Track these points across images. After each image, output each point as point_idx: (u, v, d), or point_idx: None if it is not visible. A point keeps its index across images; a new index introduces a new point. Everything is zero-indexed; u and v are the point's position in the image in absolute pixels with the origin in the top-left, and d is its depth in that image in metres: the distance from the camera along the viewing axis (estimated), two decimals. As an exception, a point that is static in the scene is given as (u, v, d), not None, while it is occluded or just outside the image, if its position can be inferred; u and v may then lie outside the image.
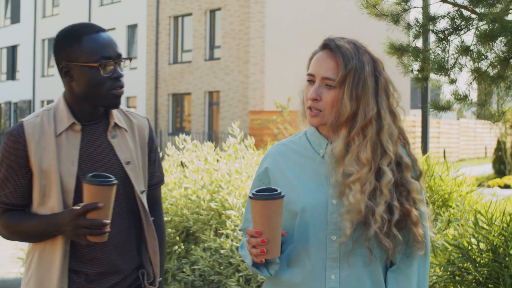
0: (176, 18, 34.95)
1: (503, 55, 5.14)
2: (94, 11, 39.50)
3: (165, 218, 6.27)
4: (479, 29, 5.18)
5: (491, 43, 5.08)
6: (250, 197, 2.34)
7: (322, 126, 2.57)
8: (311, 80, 2.55)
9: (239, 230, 5.73)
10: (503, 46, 5.12)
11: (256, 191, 2.33)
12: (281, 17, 31.48)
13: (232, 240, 5.69)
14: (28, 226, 2.70)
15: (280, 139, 24.92)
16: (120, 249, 2.82)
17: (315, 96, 2.49)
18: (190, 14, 33.95)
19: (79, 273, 2.77)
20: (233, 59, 31.31)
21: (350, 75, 2.46)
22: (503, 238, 4.54)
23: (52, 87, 40.48)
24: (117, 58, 2.76)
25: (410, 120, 30.38)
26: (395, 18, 5.98)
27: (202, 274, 5.96)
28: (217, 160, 6.78)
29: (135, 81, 36.46)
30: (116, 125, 2.86)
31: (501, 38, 4.93)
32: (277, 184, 2.55)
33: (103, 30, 2.79)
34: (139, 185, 2.86)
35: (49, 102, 41.55)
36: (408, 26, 5.98)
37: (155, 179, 3.04)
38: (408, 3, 6.02)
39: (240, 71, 30.92)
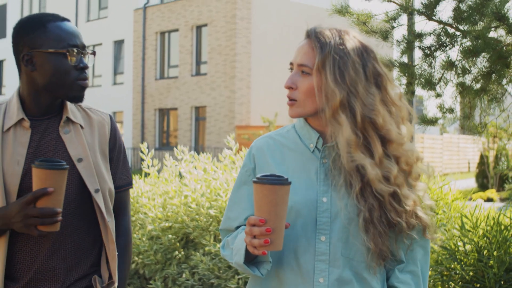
0: (162, 34, 35.30)
1: (485, 70, 5.48)
2: (81, 27, 39.72)
3: (165, 224, 6.56)
4: (463, 46, 5.50)
5: (474, 59, 5.40)
6: (255, 182, 2.15)
7: (312, 118, 2.42)
8: (291, 68, 2.44)
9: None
10: (485, 61, 5.44)
11: (262, 176, 2.15)
12: (266, 33, 31.93)
13: (231, 245, 6.01)
14: None
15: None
16: (66, 255, 2.62)
17: (289, 84, 2.38)
18: (176, 30, 34.34)
19: (16, 280, 2.58)
20: (219, 75, 31.66)
21: (328, 58, 2.31)
22: (487, 240, 4.86)
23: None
24: (83, 48, 2.61)
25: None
26: (384, 35, 6.31)
27: (202, 278, 6.24)
28: (214, 171, 7.07)
29: (121, 96, 36.70)
30: (69, 120, 2.67)
31: (483, 54, 5.25)
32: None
33: (68, 20, 2.66)
34: (92, 184, 2.64)
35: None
36: (397, 43, 6.32)
37: (118, 181, 2.83)
38: (397, 21, 6.37)
39: (226, 86, 31.26)
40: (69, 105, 2.68)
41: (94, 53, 2.68)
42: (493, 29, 5.77)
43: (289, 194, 2.16)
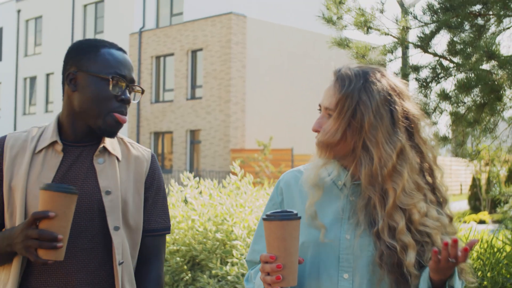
0: (158, 58, 35.55)
1: (478, 102, 5.81)
2: (77, 51, 39.91)
3: (173, 248, 6.86)
4: (457, 80, 5.83)
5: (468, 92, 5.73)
6: (264, 219, 2.15)
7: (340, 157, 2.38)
8: (319, 109, 2.42)
9: (244, 259, 6.29)
10: (479, 93, 5.78)
11: (270, 213, 2.16)
12: (261, 57, 32.20)
13: (238, 268, 6.29)
14: None
15: (262, 177, 25.29)
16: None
17: (316, 128, 2.36)
18: (172, 54, 34.59)
19: None
20: (214, 98, 31.87)
21: (346, 102, 2.28)
22: (481, 262, 5.17)
23: (33, 125, 40.75)
24: (131, 81, 2.53)
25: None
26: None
27: (209, 299, 6.54)
28: (219, 196, 7.38)
29: (117, 119, 37.01)
30: (106, 150, 2.56)
31: (477, 88, 5.59)
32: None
33: (124, 51, 2.59)
34: (114, 220, 2.49)
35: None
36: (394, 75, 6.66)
37: (153, 224, 2.67)
38: (394, 53, 6.71)
39: (221, 110, 31.46)
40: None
41: (142, 91, 2.60)
42: (485, 60, 6.12)
43: (299, 229, 2.14)
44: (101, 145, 2.53)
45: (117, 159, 2.58)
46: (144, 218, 2.64)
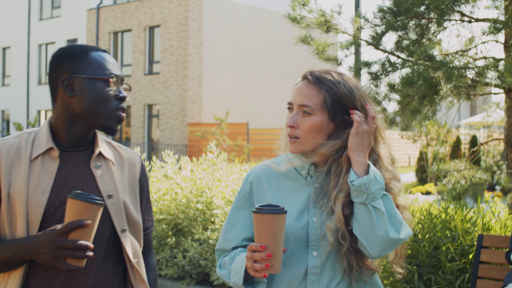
0: (115, 33, 35.85)
1: (420, 94, 6.93)
2: (34, 25, 40.14)
3: (159, 217, 7.94)
4: (402, 75, 6.92)
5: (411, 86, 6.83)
6: (255, 212, 2.31)
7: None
8: (289, 107, 2.58)
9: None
10: (420, 87, 6.87)
11: (259, 206, 2.31)
12: (217, 34, 32.87)
13: (218, 233, 7.40)
14: None
15: (219, 149, 25.75)
16: None
17: (291, 123, 2.51)
18: (129, 30, 34.93)
19: None
20: (172, 74, 32.47)
21: (330, 99, 2.49)
22: (421, 225, 6.35)
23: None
24: (121, 80, 2.58)
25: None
26: (339, 62, 7.77)
27: (192, 259, 7.63)
28: (198, 172, 8.46)
29: (75, 93, 37.26)
30: (101, 154, 2.59)
31: (418, 83, 6.68)
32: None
33: (108, 52, 2.61)
34: (120, 223, 2.56)
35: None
36: (349, 68, 7.78)
37: (146, 223, 2.79)
38: (349, 50, 7.80)
39: (179, 85, 32.09)
40: (100, 140, 2.63)
41: (130, 88, 2.63)
42: (424, 62, 7.19)
43: (285, 222, 2.34)
44: (97, 151, 2.57)
45: (112, 162, 2.63)
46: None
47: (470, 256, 6.03)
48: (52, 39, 39.01)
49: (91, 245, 2.26)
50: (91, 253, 2.27)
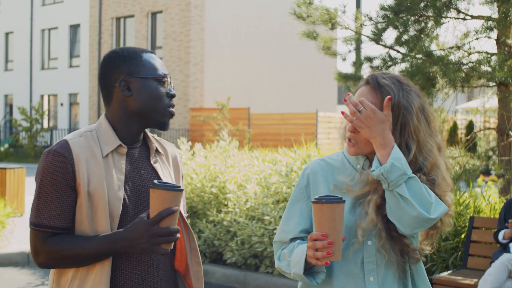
0: (118, 19, 36.12)
1: (418, 87, 7.48)
2: (36, 10, 40.32)
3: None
4: (401, 69, 7.50)
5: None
6: (315, 202, 2.37)
7: None
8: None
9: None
10: (418, 80, 7.44)
11: (319, 197, 2.37)
12: (219, 21, 33.19)
13: (231, 215, 7.99)
14: (84, 249, 2.47)
15: (220, 134, 25.92)
16: (164, 277, 2.69)
17: (353, 129, 2.55)
18: (132, 16, 35.20)
19: None
20: (174, 59, 32.79)
21: (392, 108, 2.47)
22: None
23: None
24: (170, 79, 2.70)
25: (339, 116, 32.31)
26: (343, 57, 8.35)
27: (206, 240, 8.24)
28: (206, 157, 9.06)
29: (77, 78, 37.67)
30: (156, 150, 2.75)
31: (417, 76, 7.25)
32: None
33: (155, 53, 2.75)
34: (184, 212, 2.79)
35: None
36: (352, 63, 8.36)
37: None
38: (352, 45, 8.37)
39: (181, 71, 32.46)
40: (151, 137, 2.76)
41: (173, 86, 2.75)
42: (423, 57, 7.75)
43: (344, 211, 2.38)
44: (154, 146, 2.73)
45: (164, 157, 2.79)
46: None
47: (462, 236, 6.61)
48: (54, 24, 39.27)
49: (179, 228, 2.42)
50: (179, 235, 2.44)
